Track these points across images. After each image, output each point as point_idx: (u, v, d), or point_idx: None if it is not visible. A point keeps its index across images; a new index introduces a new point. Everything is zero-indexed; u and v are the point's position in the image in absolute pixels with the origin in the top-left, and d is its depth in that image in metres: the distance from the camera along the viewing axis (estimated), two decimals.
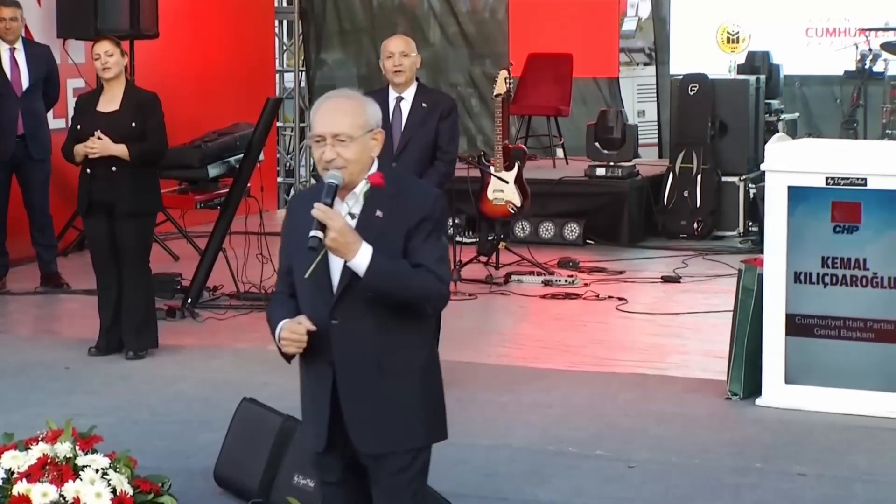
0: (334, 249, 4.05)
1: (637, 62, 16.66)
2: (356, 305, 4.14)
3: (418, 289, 4.12)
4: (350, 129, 4.14)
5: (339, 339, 4.17)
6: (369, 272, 4.06)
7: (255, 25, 14.45)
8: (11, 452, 5.57)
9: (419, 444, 4.28)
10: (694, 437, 6.83)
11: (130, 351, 8.29)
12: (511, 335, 9.25)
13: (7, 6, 10.07)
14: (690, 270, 10.97)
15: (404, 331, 4.20)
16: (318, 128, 4.16)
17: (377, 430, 4.21)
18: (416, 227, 4.13)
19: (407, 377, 4.22)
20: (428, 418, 4.29)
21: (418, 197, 4.20)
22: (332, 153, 4.12)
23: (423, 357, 4.28)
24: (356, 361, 4.18)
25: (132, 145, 8.10)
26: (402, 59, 7.53)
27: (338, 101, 4.22)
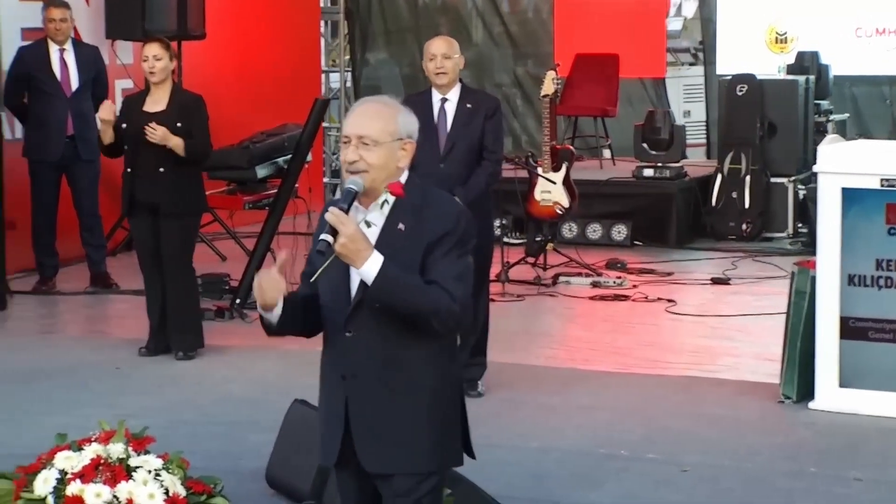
0: (343, 255, 3.92)
1: (682, 62, 16.58)
2: (370, 318, 4.03)
3: (427, 304, 3.97)
4: (377, 134, 4.05)
5: (352, 351, 4.07)
6: (377, 281, 3.93)
7: (301, 25, 14.47)
8: (65, 453, 5.59)
9: (425, 469, 4.08)
10: (746, 440, 6.78)
11: (179, 351, 8.32)
12: (559, 337, 9.22)
13: (56, 7, 10.10)
14: (740, 272, 10.90)
15: (416, 349, 4.05)
16: (346, 129, 4.09)
17: (382, 450, 4.07)
18: (436, 243, 4.00)
19: (416, 397, 4.06)
20: (438, 442, 4.09)
21: (442, 212, 4.05)
22: (355, 155, 4.03)
23: (436, 377, 4.09)
24: (366, 376, 4.06)
25: (187, 141, 8.13)
26: (445, 62, 7.50)
27: (371, 105, 4.15)
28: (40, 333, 9.27)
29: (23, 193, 10.15)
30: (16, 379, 7.85)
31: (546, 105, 10.97)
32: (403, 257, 3.99)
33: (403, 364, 4.06)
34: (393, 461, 4.07)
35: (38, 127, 10.09)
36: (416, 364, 4.06)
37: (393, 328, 4.02)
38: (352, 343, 4.06)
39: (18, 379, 7.85)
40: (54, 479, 5.50)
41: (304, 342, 8.56)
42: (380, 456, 4.08)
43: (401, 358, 4.05)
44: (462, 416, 4.17)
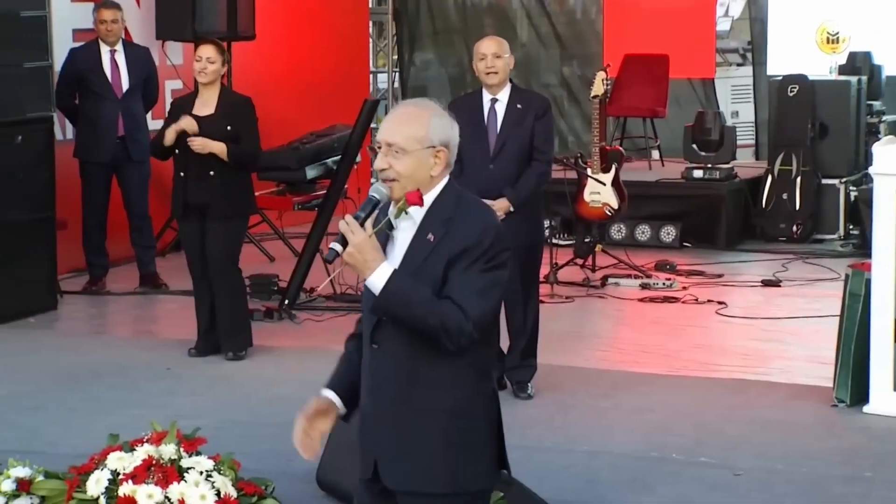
0: (351, 265, 3.81)
1: (731, 62, 16.47)
2: (395, 331, 3.90)
3: (435, 320, 3.80)
4: (404, 142, 3.89)
5: (376, 364, 3.97)
6: (382, 293, 3.81)
7: (349, 26, 14.48)
8: (117, 454, 5.60)
9: (441, 489, 3.94)
10: (800, 444, 6.71)
11: (229, 352, 8.33)
12: (609, 339, 9.17)
13: (108, 8, 10.14)
14: (791, 274, 10.82)
15: (438, 367, 3.90)
16: (379, 135, 3.97)
17: (399, 467, 3.96)
18: (457, 257, 3.84)
19: (436, 416, 3.92)
20: (457, 464, 3.94)
21: (468, 225, 3.88)
22: (384, 163, 3.89)
23: (457, 398, 3.92)
24: (389, 390, 3.95)
25: (231, 146, 8.13)
26: (495, 61, 7.46)
27: (404, 110, 4.01)
28: (90, 333, 9.30)
29: (74, 194, 10.20)
30: (66, 379, 7.87)
31: (596, 106, 10.91)
32: (428, 268, 3.86)
33: (425, 382, 3.92)
34: (411, 479, 3.96)
35: (88, 128, 10.14)
36: (438, 382, 3.92)
37: (418, 343, 3.89)
38: (377, 356, 3.96)
39: (69, 379, 7.87)
40: (106, 480, 5.52)
41: None
42: (397, 472, 3.98)
43: (423, 375, 3.92)
44: (493, 434, 4.00)
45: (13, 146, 9.29)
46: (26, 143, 9.39)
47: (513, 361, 7.56)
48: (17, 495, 5.76)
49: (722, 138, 12.40)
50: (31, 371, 8.08)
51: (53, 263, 9.69)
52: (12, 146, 9.29)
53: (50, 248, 9.62)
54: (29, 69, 9.42)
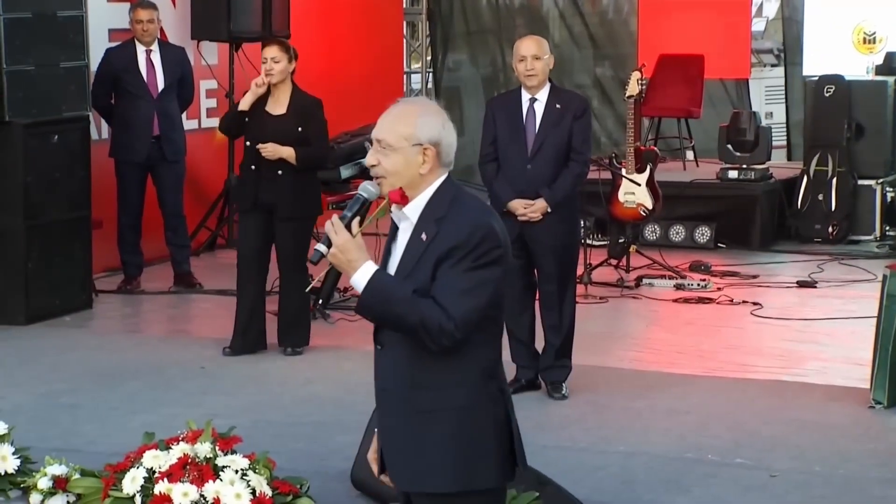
0: (335, 265, 3.83)
1: (765, 63, 16.41)
2: (397, 333, 3.90)
3: (415, 319, 3.78)
4: (391, 138, 3.89)
5: (382, 365, 3.99)
6: (364, 292, 3.81)
7: (384, 27, 14.50)
8: (153, 452, 5.63)
9: (446, 489, 3.93)
10: (837, 446, 6.67)
11: (288, 347, 8.39)
12: (644, 339, 9.14)
13: (144, 8, 10.18)
14: (826, 275, 10.76)
15: (441, 368, 3.89)
16: (374, 130, 3.97)
17: (405, 466, 3.97)
18: (445, 256, 3.82)
19: (438, 416, 3.91)
20: (463, 463, 3.93)
21: (457, 224, 3.85)
22: (374, 159, 3.91)
23: (462, 397, 3.91)
24: (392, 391, 3.96)
25: (299, 150, 8.17)
26: (535, 63, 7.43)
27: (396, 108, 3.98)
28: (125, 332, 9.33)
29: (109, 193, 10.23)
30: (102, 377, 7.90)
31: (630, 106, 10.88)
32: (421, 269, 3.85)
33: (429, 383, 3.91)
34: (416, 479, 3.97)
35: (124, 127, 10.17)
36: (442, 383, 3.91)
37: (413, 343, 3.87)
38: (382, 357, 3.98)
39: (104, 377, 7.90)
40: (142, 478, 5.56)
41: None
42: (403, 472, 3.99)
43: (427, 376, 3.91)
44: (501, 433, 3.97)
45: (49, 145, 9.33)
46: (62, 143, 9.42)
47: (547, 361, 7.55)
48: (54, 493, 5.81)
49: (757, 139, 12.35)
50: (67, 370, 8.11)
51: (89, 262, 9.73)
52: (49, 145, 9.32)
53: (85, 247, 9.66)
54: (65, 69, 9.45)
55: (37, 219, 9.26)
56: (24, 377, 7.92)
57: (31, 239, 9.22)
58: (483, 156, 7.57)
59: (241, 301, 8.44)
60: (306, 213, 8.37)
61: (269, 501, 5.50)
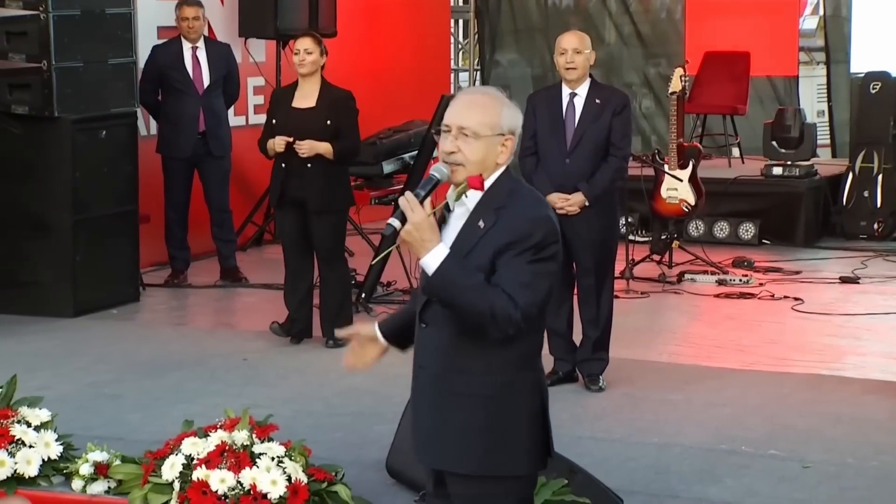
0: (407, 242, 3.83)
1: (818, 61, 16.35)
2: (444, 313, 3.93)
3: (484, 306, 3.81)
4: (477, 126, 3.91)
5: (424, 343, 4.03)
6: (436, 275, 3.82)
7: (431, 24, 14.57)
8: (191, 439, 5.72)
9: (473, 471, 3.99)
10: (871, 439, 6.68)
11: (330, 340, 8.46)
12: (683, 334, 9.17)
13: (190, 6, 10.29)
14: (870, 271, 10.76)
15: (481, 353, 3.94)
16: (448, 117, 3.96)
17: (433, 444, 4.04)
18: (505, 247, 3.87)
19: (471, 401, 3.97)
20: (489, 449, 3.97)
21: (516, 217, 3.90)
22: (453, 145, 3.90)
23: (495, 385, 3.97)
24: (432, 370, 4.01)
25: (336, 144, 8.26)
26: (575, 56, 7.49)
27: (475, 96, 4.04)
28: (171, 325, 9.46)
29: (156, 189, 10.37)
30: (147, 368, 8.01)
31: (673, 103, 10.92)
32: (475, 255, 3.89)
33: (467, 366, 3.96)
34: (443, 459, 4.03)
35: (170, 124, 10.30)
36: (479, 368, 3.96)
37: (458, 325, 3.93)
38: (425, 335, 4.03)
39: (150, 368, 8.01)
40: (181, 465, 5.64)
41: None
42: (432, 451, 4.05)
43: (466, 359, 3.96)
44: (534, 423, 4.02)
45: (97, 141, 9.47)
46: (110, 138, 9.56)
47: (584, 354, 7.60)
48: (95, 479, 5.91)
49: (802, 135, 12.35)
50: (113, 360, 8.23)
51: (136, 256, 9.86)
52: (97, 141, 9.46)
53: (133, 241, 9.79)
54: (113, 65, 9.58)
55: (85, 213, 9.39)
56: (71, 368, 8.04)
57: (79, 233, 9.35)
58: (523, 149, 7.61)
59: (288, 292, 8.56)
60: (338, 206, 8.44)
61: (305, 488, 5.57)
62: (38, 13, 9.16)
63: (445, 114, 3.99)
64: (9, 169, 9.27)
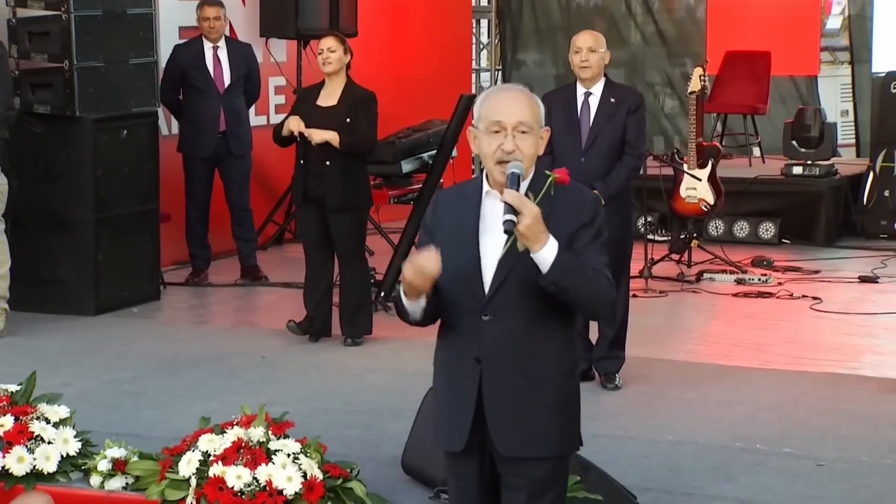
0: (525, 237, 3.89)
1: (841, 61, 16.32)
2: (509, 302, 4.04)
3: (595, 290, 4.00)
4: (530, 121, 4.04)
5: (489, 335, 4.07)
6: (555, 265, 3.92)
7: (452, 24, 14.59)
8: (208, 436, 5.77)
9: (554, 452, 4.15)
10: (887, 437, 6.68)
11: (349, 338, 8.52)
12: (701, 333, 9.18)
13: (211, 6, 10.34)
14: (889, 271, 10.75)
15: (551, 334, 4.10)
16: (500, 115, 4.03)
17: (516, 434, 4.09)
18: (576, 233, 4.02)
19: (549, 382, 4.10)
20: (565, 427, 4.16)
21: (578, 202, 4.06)
22: (513, 144, 4.01)
23: (566, 363, 4.15)
24: (503, 360, 4.07)
25: (343, 135, 8.29)
26: (590, 55, 7.51)
27: (514, 93, 4.12)
28: (192, 323, 9.52)
29: (177, 187, 10.43)
30: (167, 366, 8.07)
31: (693, 102, 10.94)
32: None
33: (539, 351, 4.08)
34: (526, 445, 4.10)
35: (191, 123, 10.36)
36: (550, 351, 4.10)
37: (530, 312, 4.04)
38: (488, 326, 4.07)
39: (170, 366, 8.07)
40: (197, 461, 5.69)
41: None
42: (514, 439, 4.10)
43: (538, 344, 4.08)
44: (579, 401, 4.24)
45: (119, 140, 9.52)
46: (131, 138, 9.61)
47: (601, 352, 7.63)
48: (113, 475, 5.97)
49: (822, 135, 12.34)
50: (134, 358, 8.28)
51: (157, 255, 9.91)
52: (118, 140, 9.52)
53: (154, 239, 9.85)
54: (134, 65, 9.63)
55: (106, 212, 9.44)
56: (92, 365, 8.11)
57: (100, 232, 9.41)
58: None
59: (308, 290, 8.59)
60: (357, 204, 8.48)
61: (320, 484, 5.62)
62: (59, 13, 9.23)
63: (490, 111, 4.07)
64: (31, 168, 9.33)
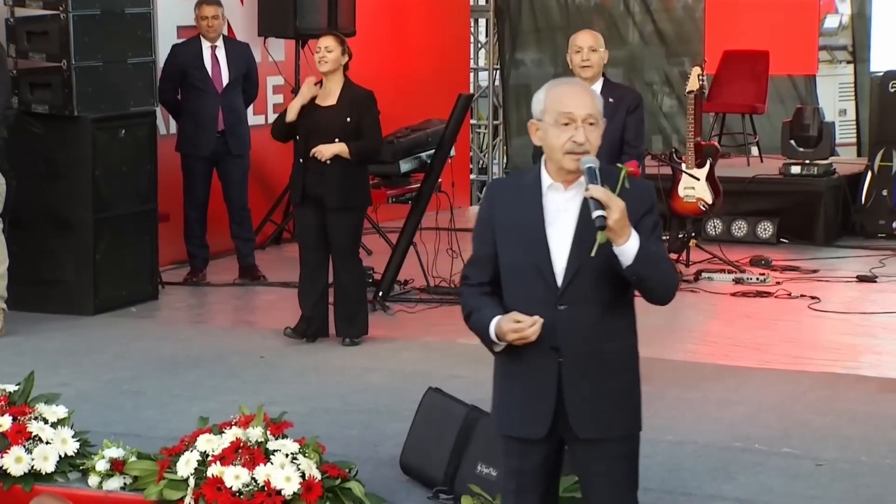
0: (613, 231, 4.05)
1: (839, 60, 16.33)
2: (583, 291, 4.19)
3: (671, 276, 4.27)
4: (598, 113, 4.20)
5: (566, 324, 4.22)
6: (639, 257, 4.09)
7: (451, 23, 14.58)
8: (206, 436, 5.77)
9: (632, 430, 4.39)
10: (887, 437, 6.67)
11: (346, 338, 8.50)
12: (700, 332, 9.18)
13: (209, 5, 10.33)
14: (888, 270, 10.75)
15: (621, 318, 4.29)
16: (569, 107, 4.16)
17: (596, 415, 4.28)
18: (640, 221, 4.16)
19: (622, 364, 4.31)
20: (637, 405, 4.39)
21: (638, 191, 4.21)
22: (584, 136, 4.14)
23: (633, 346, 4.37)
24: (581, 347, 4.23)
25: (352, 144, 8.30)
26: (591, 55, 7.52)
27: (580, 86, 4.29)
28: (190, 323, 9.52)
29: (176, 187, 10.42)
30: (166, 366, 8.06)
31: (691, 101, 10.94)
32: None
33: (613, 334, 4.26)
34: (605, 425, 4.29)
35: (190, 122, 10.35)
36: (621, 333, 4.30)
37: (604, 300, 4.21)
38: (564, 316, 4.20)
39: (168, 366, 8.06)
40: (196, 461, 5.69)
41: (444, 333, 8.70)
42: (594, 421, 4.28)
43: (612, 328, 4.25)
44: None
45: (117, 140, 9.51)
46: (130, 137, 9.60)
47: None
48: (111, 475, 5.97)
49: (820, 134, 12.34)
50: (132, 358, 8.28)
51: (155, 255, 9.90)
52: (116, 140, 9.51)
53: (152, 239, 9.84)
54: (133, 65, 9.61)
55: (105, 212, 9.43)
56: (91, 365, 8.10)
57: (99, 231, 9.40)
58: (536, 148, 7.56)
59: (304, 291, 8.57)
60: (356, 204, 8.48)
61: (319, 485, 5.62)
62: (58, 13, 9.21)
63: (559, 103, 4.17)
64: (30, 168, 9.32)
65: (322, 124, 8.33)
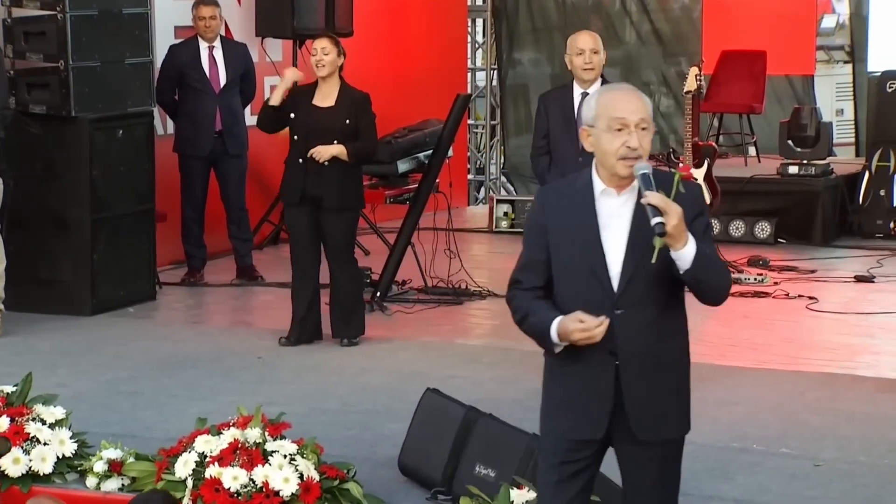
0: (674, 236, 4.07)
1: (836, 60, 16.34)
2: (638, 294, 4.22)
3: (725, 279, 4.30)
4: (650, 117, 4.22)
5: (623, 327, 4.24)
6: (696, 261, 4.11)
7: (448, 23, 14.58)
8: (204, 437, 5.78)
9: (682, 433, 4.45)
10: (885, 437, 6.68)
11: (344, 338, 8.50)
12: (697, 333, 8.99)
13: (206, 5, 10.32)
14: (885, 270, 10.76)
15: (674, 318, 4.34)
16: (622, 112, 4.17)
17: (655, 418, 4.32)
18: (692, 223, 4.17)
19: (677, 365, 4.37)
20: (688, 407, 4.44)
21: (689, 194, 4.22)
22: (637, 141, 4.16)
23: (686, 346, 4.41)
24: (638, 350, 4.26)
25: (350, 145, 8.30)
26: (593, 56, 7.53)
27: (631, 91, 4.30)
28: (188, 323, 9.51)
29: (173, 187, 10.41)
30: (163, 366, 8.05)
31: (688, 101, 10.90)
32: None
33: (668, 335, 4.32)
34: (664, 427, 4.35)
35: (188, 123, 10.35)
36: (675, 334, 4.36)
37: (659, 302, 4.25)
38: (622, 319, 4.23)
39: (166, 366, 8.05)
40: (194, 462, 5.69)
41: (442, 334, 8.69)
42: (653, 424, 4.32)
43: (668, 329, 4.31)
44: None
45: (115, 140, 9.50)
46: (128, 137, 9.59)
47: None
48: (109, 476, 5.97)
49: (818, 134, 12.35)
50: (130, 358, 8.27)
51: (153, 255, 9.89)
52: (114, 140, 9.50)
53: (150, 239, 9.83)
54: (130, 65, 9.60)
55: (102, 212, 9.43)
56: (88, 365, 8.09)
57: (96, 231, 9.39)
58: (536, 149, 7.67)
59: (297, 293, 8.55)
60: (352, 204, 8.50)
61: (317, 485, 5.62)
62: (55, 13, 9.21)
63: (610, 107, 4.19)
64: (28, 168, 9.32)
65: (321, 125, 8.34)
